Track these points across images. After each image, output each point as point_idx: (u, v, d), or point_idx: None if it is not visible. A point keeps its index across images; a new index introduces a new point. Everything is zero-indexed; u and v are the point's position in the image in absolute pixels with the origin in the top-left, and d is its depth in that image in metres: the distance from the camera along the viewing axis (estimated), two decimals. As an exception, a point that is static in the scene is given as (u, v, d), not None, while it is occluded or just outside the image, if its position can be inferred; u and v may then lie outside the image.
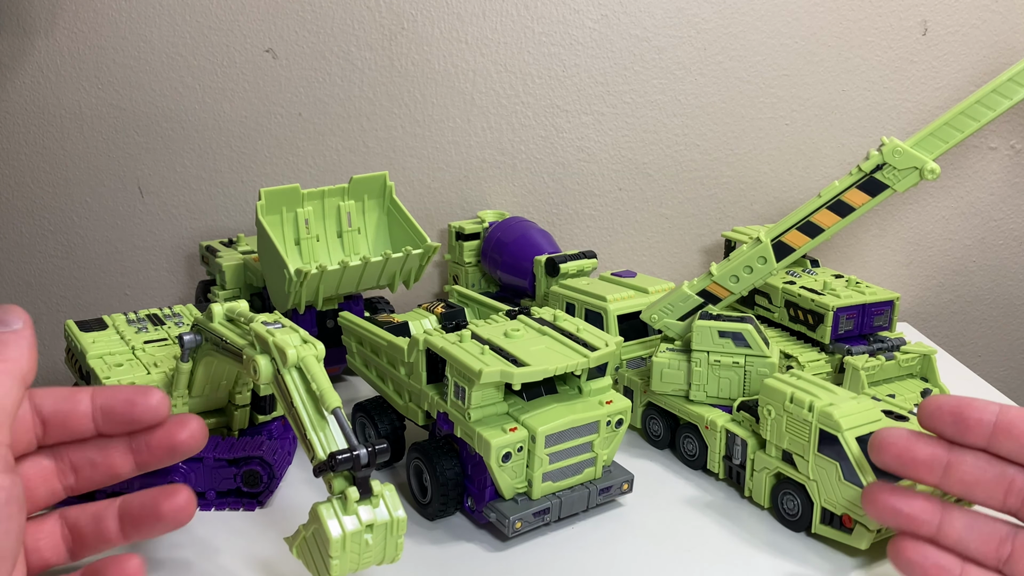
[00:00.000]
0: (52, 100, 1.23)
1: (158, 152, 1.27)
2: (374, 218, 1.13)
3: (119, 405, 0.62)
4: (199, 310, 1.02)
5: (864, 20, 1.30)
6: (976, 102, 0.88)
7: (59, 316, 1.32)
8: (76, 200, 1.28)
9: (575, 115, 1.31)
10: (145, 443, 0.63)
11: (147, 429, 0.63)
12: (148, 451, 0.63)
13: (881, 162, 0.89)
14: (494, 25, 1.26)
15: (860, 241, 1.40)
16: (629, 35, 1.28)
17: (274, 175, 1.29)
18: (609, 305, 1.00)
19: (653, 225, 1.38)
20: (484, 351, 0.79)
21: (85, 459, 0.62)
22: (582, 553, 0.79)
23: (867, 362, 1.04)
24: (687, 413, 0.93)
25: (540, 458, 0.78)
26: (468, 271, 1.27)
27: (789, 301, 1.13)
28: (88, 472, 0.62)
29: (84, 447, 0.62)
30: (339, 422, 0.66)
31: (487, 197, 1.34)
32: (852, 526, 0.77)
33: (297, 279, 0.98)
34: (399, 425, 0.93)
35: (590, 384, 0.84)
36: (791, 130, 1.35)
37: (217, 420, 0.89)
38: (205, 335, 0.78)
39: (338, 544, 0.63)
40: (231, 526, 0.82)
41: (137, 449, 0.63)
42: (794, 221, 0.93)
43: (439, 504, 0.82)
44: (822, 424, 0.78)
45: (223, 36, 1.23)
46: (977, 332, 1.48)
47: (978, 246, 1.43)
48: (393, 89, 1.27)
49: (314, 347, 0.69)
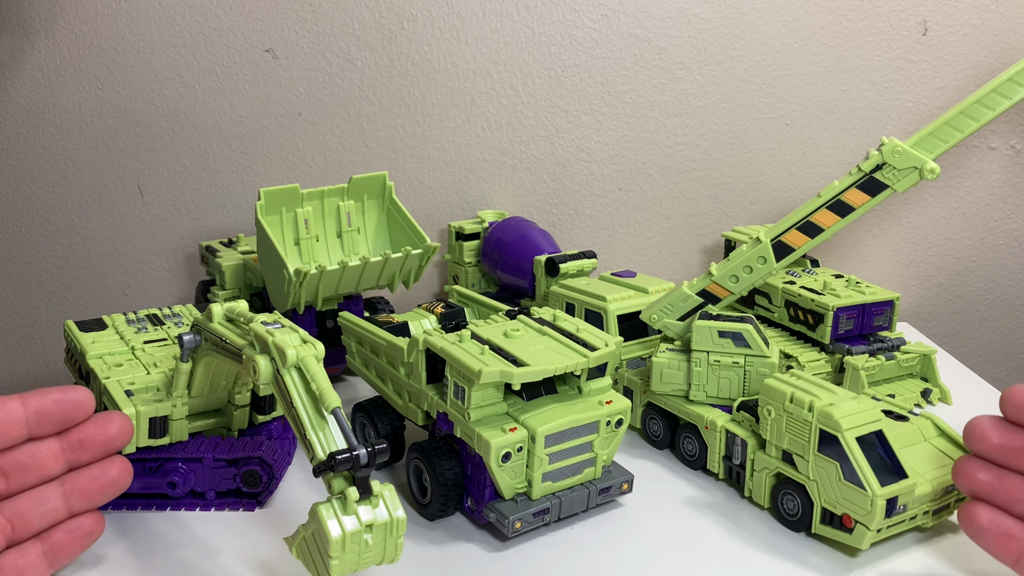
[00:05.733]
0: (52, 100, 1.23)
1: (158, 152, 1.27)
2: (374, 218, 1.13)
3: (51, 406, 0.65)
4: (199, 310, 1.02)
5: (864, 20, 1.30)
6: (976, 102, 0.88)
7: (59, 316, 1.32)
8: (76, 200, 1.28)
9: (575, 115, 1.31)
10: (79, 441, 0.66)
11: (78, 428, 0.66)
12: (82, 448, 0.66)
13: (881, 162, 0.89)
14: (494, 25, 1.26)
15: (860, 241, 1.40)
16: (629, 35, 1.28)
17: (274, 175, 1.29)
18: (609, 305, 1.00)
19: (653, 225, 1.38)
20: (484, 351, 0.79)
21: (15, 463, 0.64)
22: (582, 553, 0.79)
23: (867, 362, 1.04)
24: (687, 413, 0.93)
25: (540, 458, 0.78)
26: (468, 271, 1.27)
27: (789, 301, 1.13)
28: (20, 476, 0.65)
29: (14, 452, 0.64)
30: (339, 422, 0.66)
31: (487, 197, 1.34)
32: (852, 526, 0.77)
33: (296, 279, 0.98)
34: (399, 425, 0.93)
35: (590, 384, 0.84)
36: (791, 130, 1.35)
37: (216, 420, 0.89)
38: (205, 335, 0.78)
39: (338, 544, 0.63)
40: (230, 526, 0.82)
41: (70, 448, 0.66)
42: (794, 221, 0.93)
43: (439, 504, 0.82)
44: (822, 424, 0.78)
45: (223, 36, 1.23)
46: (977, 332, 1.48)
47: (978, 246, 1.43)
48: (393, 89, 1.27)
49: (314, 347, 0.69)
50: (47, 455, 0.65)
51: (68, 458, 0.66)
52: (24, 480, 0.65)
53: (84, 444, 0.66)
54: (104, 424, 0.68)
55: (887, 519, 0.76)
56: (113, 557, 0.77)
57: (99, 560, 0.77)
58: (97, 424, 0.68)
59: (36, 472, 0.65)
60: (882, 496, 0.74)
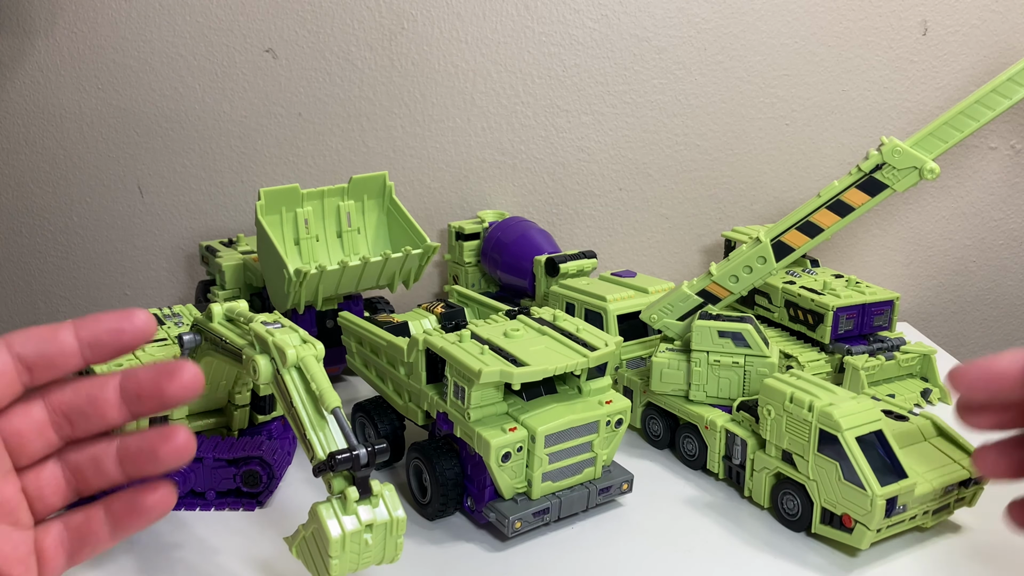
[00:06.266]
0: (52, 100, 1.23)
1: (158, 152, 1.27)
2: (374, 218, 1.13)
3: (104, 336, 0.60)
4: (199, 310, 1.02)
5: (864, 20, 1.30)
6: (976, 102, 0.88)
7: (59, 316, 1.32)
8: (76, 200, 1.28)
9: (575, 115, 1.31)
10: (135, 393, 0.60)
11: (139, 381, 0.60)
12: (139, 401, 0.60)
13: (881, 162, 0.89)
14: (494, 25, 1.26)
15: (860, 241, 1.40)
16: (629, 35, 1.28)
17: (274, 175, 1.29)
18: (609, 305, 1.00)
19: (653, 225, 1.38)
20: (484, 351, 0.79)
21: (76, 409, 0.60)
22: (582, 553, 0.79)
23: (867, 362, 1.04)
24: (687, 413, 0.93)
25: (540, 458, 0.78)
26: (468, 271, 1.27)
27: (789, 301, 1.12)
28: (82, 423, 0.60)
29: (73, 397, 0.60)
30: (338, 422, 0.66)
31: (487, 197, 1.34)
32: (852, 526, 0.77)
33: (296, 279, 0.98)
34: (399, 425, 0.93)
35: (590, 384, 0.84)
36: (791, 130, 1.35)
37: (217, 420, 0.89)
38: (205, 335, 0.78)
39: (337, 544, 0.63)
40: (231, 526, 0.82)
41: (128, 400, 0.60)
42: (794, 221, 0.93)
43: (439, 504, 0.82)
44: (822, 424, 0.78)
45: (223, 36, 1.23)
46: (977, 332, 1.48)
47: (978, 246, 1.43)
48: (393, 89, 1.27)
49: (313, 347, 0.69)
50: (107, 404, 0.60)
51: (130, 410, 0.61)
52: (87, 427, 0.60)
53: (141, 397, 0.60)
54: (164, 377, 0.62)
55: (887, 519, 0.76)
56: (113, 557, 0.77)
57: (99, 560, 0.77)
58: (157, 373, 0.61)
59: (97, 420, 0.60)
60: (882, 496, 0.74)
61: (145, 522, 0.60)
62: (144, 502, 0.60)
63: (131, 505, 0.60)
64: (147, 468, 0.58)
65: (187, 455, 0.59)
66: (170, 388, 0.56)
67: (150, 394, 0.57)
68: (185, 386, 0.57)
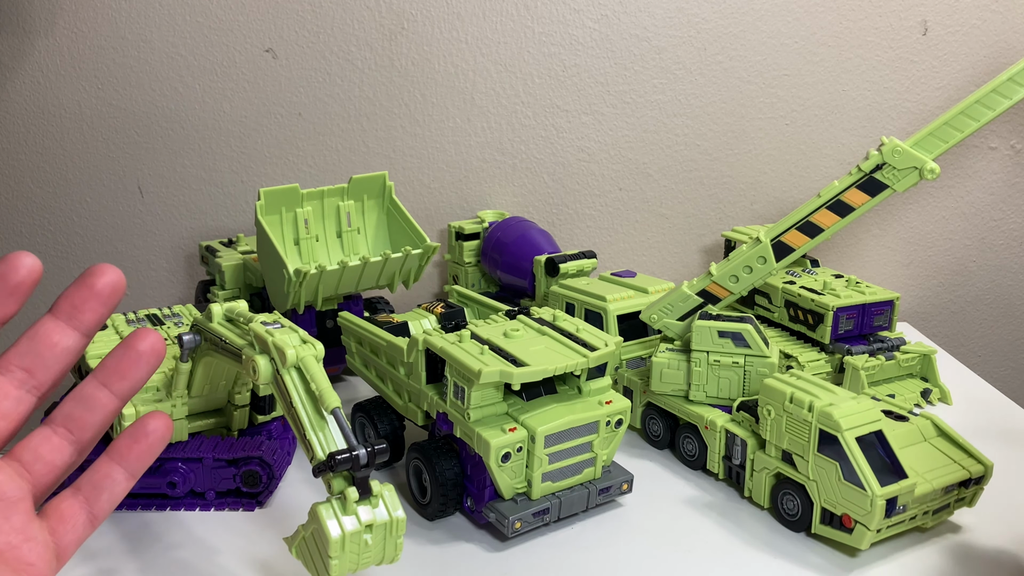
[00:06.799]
0: (52, 100, 1.23)
1: (158, 152, 1.27)
2: (373, 218, 1.13)
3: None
4: (199, 310, 1.01)
5: (864, 20, 1.30)
6: (976, 102, 0.88)
7: (59, 316, 1.32)
8: (76, 200, 1.28)
9: (575, 115, 1.31)
10: (71, 304, 0.56)
11: (70, 298, 0.57)
12: (75, 311, 0.56)
13: (881, 162, 0.89)
14: (494, 25, 1.26)
15: (860, 241, 1.40)
16: (629, 35, 1.28)
17: (274, 175, 1.29)
18: (609, 305, 1.00)
19: (653, 225, 1.38)
20: (483, 351, 0.79)
21: (28, 355, 0.57)
22: (582, 553, 0.79)
23: (867, 362, 1.04)
24: (687, 413, 0.93)
25: (539, 458, 0.78)
26: (468, 271, 1.27)
27: (789, 301, 1.12)
28: (40, 367, 0.57)
29: (27, 348, 0.57)
30: (338, 422, 0.66)
31: (487, 197, 1.34)
32: (852, 526, 0.77)
33: (296, 279, 0.98)
34: (398, 425, 0.93)
35: (590, 384, 0.84)
36: (791, 130, 1.35)
37: (216, 420, 0.89)
38: (204, 335, 0.78)
39: (337, 544, 0.63)
40: (230, 526, 0.82)
41: (64, 316, 0.57)
42: (794, 221, 0.93)
43: (439, 504, 0.82)
44: (822, 424, 0.78)
45: (223, 36, 1.23)
46: (977, 332, 1.48)
47: (978, 246, 1.43)
48: (393, 89, 1.27)
49: (313, 347, 0.69)
50: (54, 330, 0.57)
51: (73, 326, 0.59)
52: (50, 367, 0.58)
53: (77, 305, 0.57)
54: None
55: (887, 519, 0.76)
56: (113, 557, 0.77)
57: (99, 560, 0.77)
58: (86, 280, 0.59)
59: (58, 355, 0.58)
60: (882, 496, 0.74)
61: (148, 446, 0.58)
62: (144, 428, 0.59)
63: (132, 437, 0.59)
64: (132, 371, 0.56)
65: (161, 346, 0.56)
66: (97, 284, 0.53)
67: (82, 300, 0.54)
68: (111, 283, 0.54)
